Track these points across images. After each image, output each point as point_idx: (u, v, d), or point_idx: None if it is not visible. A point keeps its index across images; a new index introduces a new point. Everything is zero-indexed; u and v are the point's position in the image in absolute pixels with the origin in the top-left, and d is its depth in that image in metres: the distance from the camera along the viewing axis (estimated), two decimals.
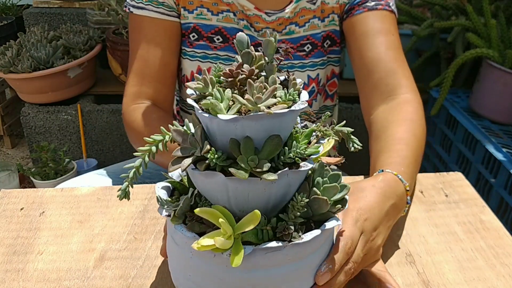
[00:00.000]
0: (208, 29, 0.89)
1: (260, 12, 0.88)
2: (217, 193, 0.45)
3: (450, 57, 1.79)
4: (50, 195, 0.77)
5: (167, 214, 0.47)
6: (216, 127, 0.42)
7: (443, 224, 0.71)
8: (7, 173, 1.92)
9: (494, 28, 1.51)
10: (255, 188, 0.43)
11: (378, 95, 0.84)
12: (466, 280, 0.61)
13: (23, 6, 2.86)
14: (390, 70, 0.84)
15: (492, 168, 1.44)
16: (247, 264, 0.44)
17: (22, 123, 1.94)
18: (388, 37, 0.86)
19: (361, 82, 0.88)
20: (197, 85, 0.43)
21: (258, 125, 0.41)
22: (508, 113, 1.56)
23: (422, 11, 1.92)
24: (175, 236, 0.48)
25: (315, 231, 0.45)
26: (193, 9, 0.88)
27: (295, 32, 0.90)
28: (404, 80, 0.83)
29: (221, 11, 0.88)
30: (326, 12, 0.90)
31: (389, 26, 0.87)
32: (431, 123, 1.83)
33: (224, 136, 0.42)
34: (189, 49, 0.91)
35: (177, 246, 0.48)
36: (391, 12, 0.89)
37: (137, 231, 0.69)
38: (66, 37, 1.93)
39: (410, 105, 0.80)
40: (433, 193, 0.78)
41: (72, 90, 1.95)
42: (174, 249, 0.49)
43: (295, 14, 0.89)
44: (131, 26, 0.91)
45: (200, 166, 0.43)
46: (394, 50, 0.86)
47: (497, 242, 0.68)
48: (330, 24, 0.91)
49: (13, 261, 0.63)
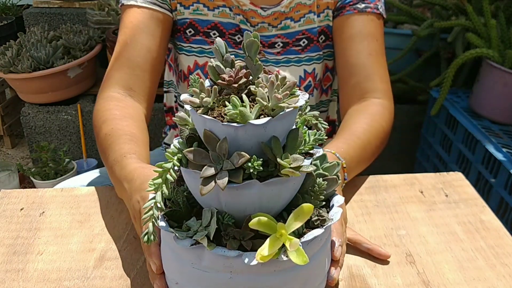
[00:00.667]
0: (204, 24, 0.89)
1: (256, 7, 0.89)
2: (247, 202, 0.44)
3: (450, 57, 1.79)
4: (50, 195, 0.77)
5: (192, 243, 0.44)
6: (244, 134, 0.41)
7: (443, 224, 0.71)
8: (7, 173, 1.92)
9: (494, 28, 1.51)
10: (287, 185, 0.44)
11: (354, 97, 0.89)
12: (466, 280, 0.61)
13: (23, 6, 2.86)
14: (368, 75, 0.88)
15: (492, 168, 1.44)
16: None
17: (22, 123, 1.94)
18: (372, 43, 0.90)
19: (342, 83, 0.93)
20: (203, 99, 0.42)
21: (282, 123, 0.42)
22: (508, 113, 1.56)
23: (422, 11, 1.92)
24: (205, 262, 0.45)
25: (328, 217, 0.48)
26: (189, 5, 0.89)
27: (290, 27, 0.91)
28: (380, 86, 0.89)
29: (217, 6, 0.89)
30: (321, 7, 0.92)
31: (375, 31, 0.91)
32: (431, 123, 1.83)
33: (249, 141, 0.42)
34: (186, 44, 0.91)
35: (208, 273, 0.45)
36: (379, 15, 0.92)
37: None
38: (66, 37, 1.93)
39: (377, 105, 0.86)
40: (433, 193, 0.78)
41: (72, 90, 1.95)
42: (202, 277, 0.46)
43: (290, 9, 0.90)
44: (121, 17, 0.90)
45: (237, 179, 0.41)
46: (376, 56, 0.90)
47: (497, 242, 0.68)
48: (325, 19, 0.93)
49: (13, 261, 0.63)
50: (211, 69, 0.45)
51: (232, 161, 0.41)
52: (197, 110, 0.42)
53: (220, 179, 0.40)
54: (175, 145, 0.45)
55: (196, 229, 0.44)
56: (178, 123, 0.48)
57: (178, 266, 0.48)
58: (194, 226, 0.45)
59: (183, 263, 0.47)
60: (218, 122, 0.41)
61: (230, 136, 0.41)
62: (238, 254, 0.43)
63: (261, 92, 0.42)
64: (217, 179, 0.40)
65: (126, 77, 0.85)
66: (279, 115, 0.41)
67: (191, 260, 0.46)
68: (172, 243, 0.47)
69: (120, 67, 0.85)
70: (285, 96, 0.41)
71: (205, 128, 0.42)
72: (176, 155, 0.44)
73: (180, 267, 0.47)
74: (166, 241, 0.50)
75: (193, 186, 0.45)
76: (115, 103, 0.81)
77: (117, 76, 0.85)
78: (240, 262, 0.43)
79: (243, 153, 0.41)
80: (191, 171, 0.43)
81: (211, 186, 0.40)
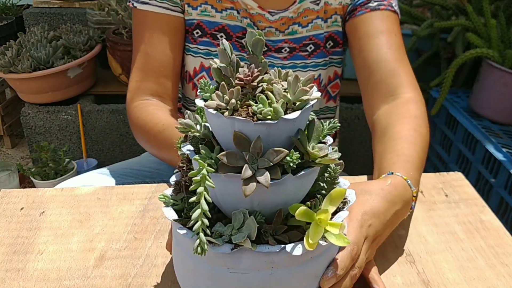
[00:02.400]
0: (211, 26, 0.89)
1: (264, 11, 0.88)
2: (281, 197, 0.44)
3: (450, 57, 1.79)
4: (50, 194, 0.77)
5: (232, 248, 0.43)
6: (276, 131, 0.42)
7: (443, 224, 0.71)
8: (7, 173, 1.92)
9: (494, 28, 1.51)
10: (314, 174, 0.45)
11: (379, 95, 0.84)
12: (466, 280, 0.61)
13: (23, 6, 2.86)
14: (392, 70, 0.83)
15: (492, 168, 1.44)
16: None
17: (22, 123, 1.94)
18: (390, 37, 0.86)
19: (363, 83, 0.88)
20: (229, 101, 0.42)
21: (306, 115, 0.44)
22: (508, 113, 1.56)
23: (422, 11, 1.92)
24: (244, 264, 0.44)
25: None
26: (197, 6, 0.89)
27: (297, 32, 0.90)
28: (405, 80, 0.83)
29: (225, 8, 0.88)
30: (329, 13, 0.90)
31: (391, 26, 0.87)
32: (431, 123, 1.82)
33: (279, 137, 0.42)
34: (193, 46, 0.91)
35: (247, 274, 0.44)
36: (394, 12, 0.89)
37: (137, 231, 0.69)
38: (66, 37, 1.93)
39: (412, 103, 0.80)
40: (433, 193, 0.78)
41: (72, 90, 1.95)
42: (240, 280, 0.45)
43: (298, 14, 0.89)
44: (134, 21, 0.91)
45: (275, 175, 0.42)
46: (396, 50, 0.85)
47: (497, 242, 0.68)
48: (333, 25, 0.91)
49: (13, 261, 0.63)
50: (215, 71, 0.45)
51: (268, 158, 0.41)
52: (223, 113, 0.42)
53: (261, 177, 0.40)
54: (202, 151, 0.44)
55: (229, 233, 0.44)
56: (181, 130, 0.48)
57: (207, 275, 0.46)
58: (226, 230, 0.44)
59: (215, 271, 0.46)
60: (250, 122, 0.41)
61: (262, 134, 0.41)
62: (281, 248, 0.44)
63: (277, 88, 0.42)
64: (258, 177, 0.40)
65: (154, 87, 0.89)
66: (305, 108, 0.42)
67: (227, 265, 0.45)
68: (192, 257, 0.46)
69: (147, 78, 0.89)
70: (311, 88, 0.43)
71: (235, 129, 0.42)
72: (206, 161, 0.43)
73: (210, 275, 0.46)
74: (184, 256, 0.48)
75: (226, 190, 0.45)
76: (153, 107, 0.86)
77: (146, 87, 0.89)
78: (282, 256, 0.44)
79: (281, 149, 0.41)
80: (223, 174, 0.42)
81: (253, 185, 0.40)
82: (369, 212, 0.56)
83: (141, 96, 0.89)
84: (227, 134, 0.43)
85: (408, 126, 0.74)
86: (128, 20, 1.90)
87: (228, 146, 0.44)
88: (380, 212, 0.57)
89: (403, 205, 0.62)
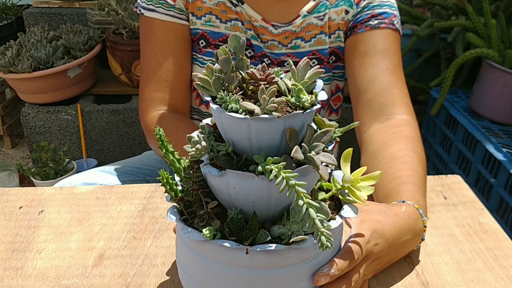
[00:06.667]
0: (216, 36, 0.88)
1: (267, 24, 0.88)
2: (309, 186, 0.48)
3: (450, 57, 1.80)
4: (49, 193, 0.77)
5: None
6: (309, 118, 0.46)
7: (442, 226, 0.71)
8: (7, 173, 1.92)
9: (494, 28, 1.51)
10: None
11: (370, 113, 0.83)
12: (464, 282, 0.61)
13: (23, 6, 2.86)
14: (385, 88, 0.83)
15: (492, 168, 1.44)
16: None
17: (22, 123, 1.94)
18: (388, 56, 0.85)
19: (355, 100, 0.88)
20: (271, 105, 0.42)
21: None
22: (508, 113, 1.56)
23: (422, 11, 1.92)
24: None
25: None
26: (202, 15, 0.88)
27: (300, 47, 0.90)
28: (399, 99, 0.82)
29: (230, 19, 0.88)
30: (332, 28, 0.90)
31: (390, 45, 0.86)
32: (431, 123, 1.83)
33: (305, 126, 0.46)
34: (199, 56, 0.91)
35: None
36: (395, 31, 0.88)
37: (136, 230, 0.69)
38: (66, 37, 1.93)
39: (407, 125, 0.79)
40: (432, 195, 0.78)
41: (72, 90, 1.95)
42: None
43: (301, 29, 0.89)
44: (142, 28, 0.90)
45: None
46: (392, 70, 0.85)
47: (495, 244, 0.67)
48: (336, 40, 0.91)
49: (12, 259, 0.63)
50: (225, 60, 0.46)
51: (319, 141, 0.45)
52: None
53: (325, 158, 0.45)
54: (257, 158, 0.44)
55: (292, 230, 0.46)
56: (194, 155, 0.47)
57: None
58: (282, 229, 0.46)
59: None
60: (299, 114, 0.43)
61: (305, 122, 0.45)
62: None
63: (285, 80, 0.47)
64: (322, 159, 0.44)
65: (167, 97, 0.89)
66: (317, 107, 0.45)
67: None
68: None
69: (160, 88, 0.89)
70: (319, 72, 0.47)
71: (285, 126, 0.43)
72: (277, 165, 0.43)
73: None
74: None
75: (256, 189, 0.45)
76: (170, 119, 0.87)
77: (159, 97, 0.89)
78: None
79: (325, 130, 0.47)
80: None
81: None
82: (379, 232, 0.56)
83: (157, 106, 0.89)
84: (274, 135, 0.43)
85: (403, 146, 0.74)
86: (128, 20, 1.90)
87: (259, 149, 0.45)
88: (389, 236, 0.57)
89: (413, 235, 0.61)
